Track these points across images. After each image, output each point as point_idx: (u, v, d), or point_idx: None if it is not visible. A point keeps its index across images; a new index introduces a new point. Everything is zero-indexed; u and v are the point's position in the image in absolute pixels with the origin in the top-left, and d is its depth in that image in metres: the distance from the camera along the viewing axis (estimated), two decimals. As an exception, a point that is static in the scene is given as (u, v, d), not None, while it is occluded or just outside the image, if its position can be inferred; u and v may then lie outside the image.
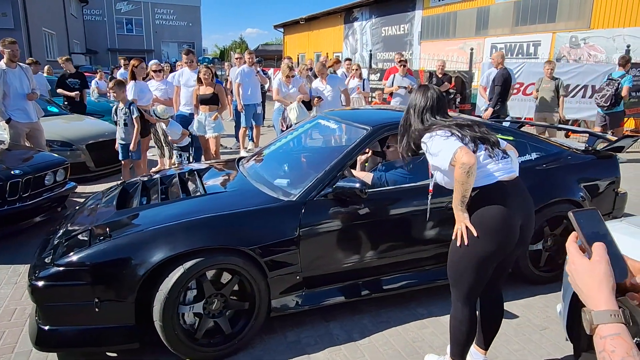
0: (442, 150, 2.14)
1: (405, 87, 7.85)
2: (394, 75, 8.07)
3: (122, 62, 10.28)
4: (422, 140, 2.29)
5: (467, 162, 2.05)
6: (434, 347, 2.81)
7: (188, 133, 6.21)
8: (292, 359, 2.70)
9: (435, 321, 3.08)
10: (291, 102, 6.80)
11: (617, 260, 0.84)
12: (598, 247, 0.84)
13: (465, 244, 2.16)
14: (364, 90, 7.79)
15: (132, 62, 6.41)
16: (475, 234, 2.13)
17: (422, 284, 3.21)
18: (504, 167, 2.22)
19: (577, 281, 0.84)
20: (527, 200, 2.29)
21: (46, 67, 11.59)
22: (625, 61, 7.65)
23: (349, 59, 9.71)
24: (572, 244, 0.89)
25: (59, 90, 8.31)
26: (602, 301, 0.79)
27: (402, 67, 8.08)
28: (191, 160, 6.32)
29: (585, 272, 0.83)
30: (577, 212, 0.88)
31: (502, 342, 2.85)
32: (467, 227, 2.16)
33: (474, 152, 2.15)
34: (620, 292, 0.84)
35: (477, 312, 2.38)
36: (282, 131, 6.95)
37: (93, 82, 11.33)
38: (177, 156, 6.22)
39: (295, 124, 6.68)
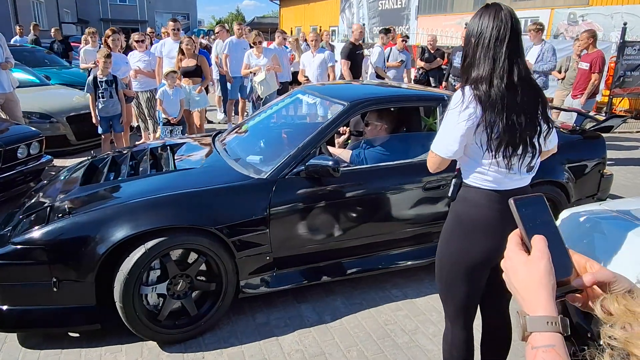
0: (441, 132, 1.75)
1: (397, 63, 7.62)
2: (391, 49, 7.83)
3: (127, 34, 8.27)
4: (455, 91, 1.72)
5: (429, 163, 1.85)
6: (406, 331, 2.74)
7: (184, 102, 5.84)
8: (259, 341, 2.63)
9: (410, 303, 3.01)
10: (255, 72, 6.57)
11: (560, 256, 0.73)
12: (538, 241, 0.72)
13: None
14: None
15: (106, 32, 6.15)
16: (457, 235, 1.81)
17: (397, 266, 3.12)
18: (512, 181, 1.75)
19: (512, 280, 0.73)
20: None
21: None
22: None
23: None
24: (514, 236, 0.77)
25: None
26: (540, 305, 0.68)
27: (403, 42, 7.90)
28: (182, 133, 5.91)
29: (522, 269, 0.71)
30: (519, 199, 0.77)
31: None
32: (450, 225, 1.85)
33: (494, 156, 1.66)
34: (562, 291, 0.73)
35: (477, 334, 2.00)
36: (253, 104, 6.77)
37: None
38: (166, 133, 5.62)
39: (262, 98, 6.50)
